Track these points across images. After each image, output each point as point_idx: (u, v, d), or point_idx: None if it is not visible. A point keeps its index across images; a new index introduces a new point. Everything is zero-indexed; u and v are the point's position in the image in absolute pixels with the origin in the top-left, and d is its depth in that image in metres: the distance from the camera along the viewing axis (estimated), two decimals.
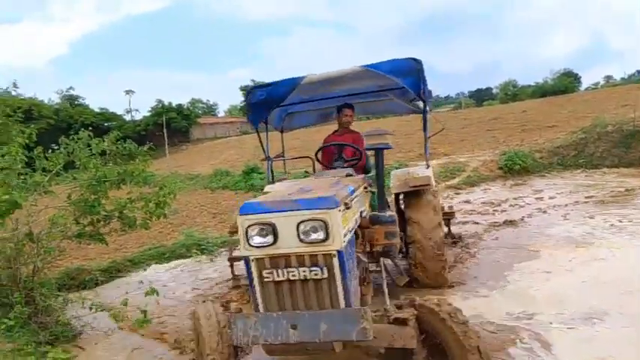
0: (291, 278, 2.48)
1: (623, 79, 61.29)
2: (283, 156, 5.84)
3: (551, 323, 3.70)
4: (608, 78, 66.15)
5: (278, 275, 2.48)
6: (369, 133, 3.14)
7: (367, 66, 4.06)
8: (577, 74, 51.90)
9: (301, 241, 2.42)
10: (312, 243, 2.42)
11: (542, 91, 42.64)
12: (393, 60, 4.05)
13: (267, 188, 4.45)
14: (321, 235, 2.41)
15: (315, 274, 2.45)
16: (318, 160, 4.64)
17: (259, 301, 2.56)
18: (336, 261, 2.44)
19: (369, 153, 4.34)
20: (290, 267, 2.47)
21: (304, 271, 2.45)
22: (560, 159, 14.06)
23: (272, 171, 5.15)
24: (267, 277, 2.50)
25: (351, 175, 3.89)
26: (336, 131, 5.05)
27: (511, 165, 13.39)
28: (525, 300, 4.23)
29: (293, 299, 2.51)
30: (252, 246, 2.47)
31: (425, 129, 4.85)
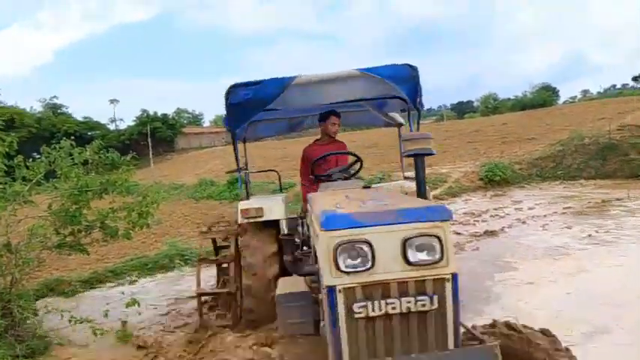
0: (390, 312, 1.96)
1: (599, 93, 63.10)
2: (246, 168, 5.13)
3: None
4: (585, 92, 68.07)
5: (373, 309, 1.95)
6: (409, 137, 2.79)
7: (365, 69, 3.79)
8: (555, 88, 53.26)
9: (408, 263, 1.95)
10: (422, 265, 1.96)
11: (521, 105, 43.54)
12: (391, 65, 3.82)
13: (242, 205, 4.12)
14: (435, 254, 1.96)
15: (423, 305, 1.96)
16: (312, 173, 4.05)
17: (344, 344, 1.98)
18: (449, 287, 1.98)
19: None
20: (389, 297, 1.95)
21: (408, 302, 1.95)
22: (538, 170, 14.40)
23: (247, 184, 4.70)
24: (358, 313, 1.95)
25: (368, 187, 3.56)
26: (318, 140, 4.73)
27: (491, 176, 13.66)
28: (520, 314, 4.07)
29: (387, 340, 1.99)
30: (343, 272, 1.94)
31: None
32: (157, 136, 46.33)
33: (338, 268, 1.95)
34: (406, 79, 3.79)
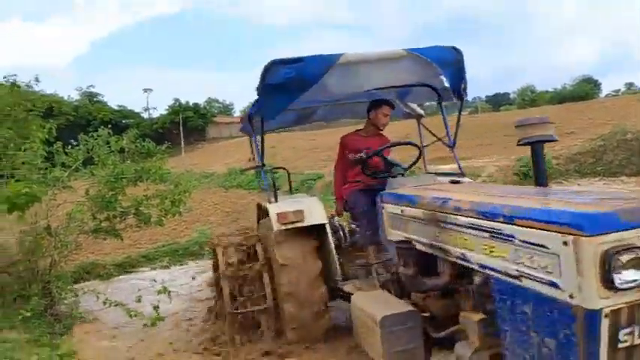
0: None
1: None
2: (264, 165, 4.04)
3: None
4: (630, 85, 64.84)
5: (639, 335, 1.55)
6: (524, 122, 2.44)
7: (412, 50, 3.36)
8: (597, 81, 51.05)
9: None
10: None
11: (560, 97, 42.00)
12: (435, 47, 3.43)
13: (274, 208, 3.45)
14: None
15: None
16: (364, 169, 3.53)
17: None
18: None
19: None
20: None
21: None
22: (577, 166, 13.86)
23: (274, 183, 3.94)
24: (623, 342, 1.54)
25: (457, 182, 3.22)
26: (360, 130, 4.10)
27: (527, 171, 13.22)
28: None
29: None
30: (617, 288, 1.50)
31: (456, 133, 4.00)
32: (188, 125, 47.22)
33: (609, 285, 1.49)
34: (451, 63, 3.43)
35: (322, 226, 3.50)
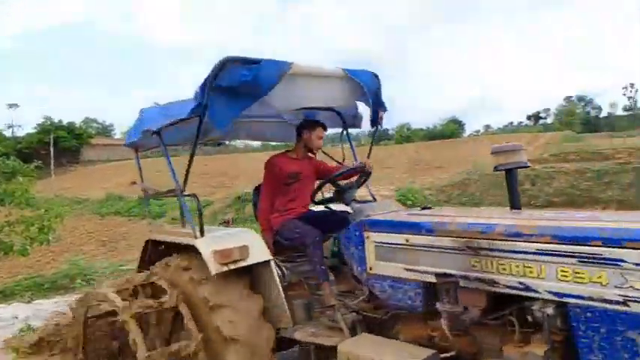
0: None
1: (499, 128, 69.96)
2: (183, 189, 3.10)
3: None
4: (487, 127, 74.88)
5: None
6: (499, 149, 2.46)
7: (347, 71, 3.12)
8: (461, 122, 58.02)
9: None
10: None
11: (431, 135, 46.85)
12: (365, 71, 3.22)
13: (206, 246, 2.72)
14: None
15: None
16: (313, 197, 3.36)
17: None
18: None
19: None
20: None
21: None
22: (446, 196, 15.52)
23: (200, 213, 2.93)
24: None
25: (429, 207, 3.01)
26: (288, 152, 3.60)
27: (404, 200, 14.43)
28: None
29: None
30: None
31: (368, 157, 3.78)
32: (60, 145, 42.96)
33: None
34: (374, 89, 3.25)
35: (265, 263, 2.90)
